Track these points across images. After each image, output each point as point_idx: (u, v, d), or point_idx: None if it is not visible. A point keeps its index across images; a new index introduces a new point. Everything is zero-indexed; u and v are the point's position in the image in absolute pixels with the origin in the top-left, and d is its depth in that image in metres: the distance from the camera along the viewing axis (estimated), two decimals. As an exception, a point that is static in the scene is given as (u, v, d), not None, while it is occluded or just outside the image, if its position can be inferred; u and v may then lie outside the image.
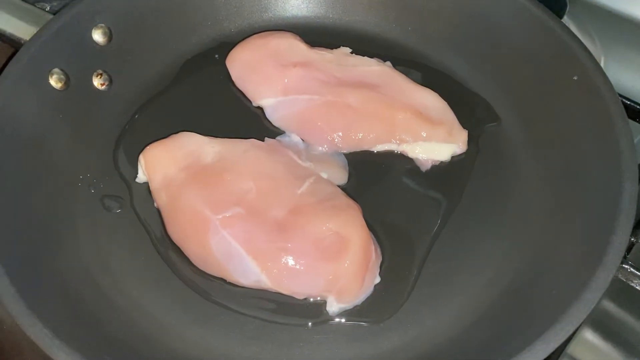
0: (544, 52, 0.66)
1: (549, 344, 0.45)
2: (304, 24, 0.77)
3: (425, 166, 0.66)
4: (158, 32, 0.73)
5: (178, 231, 0.58)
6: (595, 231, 0.53)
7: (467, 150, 0.66)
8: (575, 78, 0.63)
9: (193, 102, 0.71)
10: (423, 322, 0.55)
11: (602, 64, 0.80)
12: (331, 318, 0.56)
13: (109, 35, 0.69)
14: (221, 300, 0.57)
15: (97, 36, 0.68)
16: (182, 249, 0.58)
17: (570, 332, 0.46)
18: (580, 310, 0.47)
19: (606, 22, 0.80)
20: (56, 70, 0.64)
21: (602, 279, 0.48)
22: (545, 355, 0.46)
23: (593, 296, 0.48)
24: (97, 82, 0.68)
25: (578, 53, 0.63)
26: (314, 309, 0.56)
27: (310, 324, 0.56)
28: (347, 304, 0.56)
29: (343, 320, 0.56)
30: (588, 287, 0.48)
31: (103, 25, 0.68)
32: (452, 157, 0.66)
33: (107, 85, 0.69)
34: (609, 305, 0.61)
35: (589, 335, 0.59)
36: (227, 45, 0.74)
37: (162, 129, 0.66)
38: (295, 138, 0.66)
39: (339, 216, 0.56)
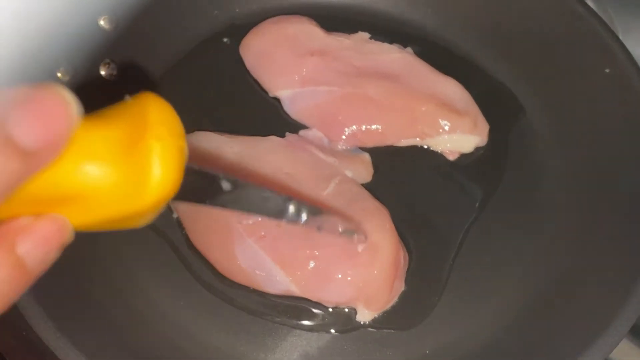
0: (572, 41, 0.63)
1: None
2: (319, 6, 0.73)
3: (451, 160, 0.64)
4: (166, 16, 0.69)
5: (202, 240, 0.56)
6: (633, 232, 0.51)
7: (492, 143, 0.64)
8: (607, 71, 0.60)
9: (205, 93, 0.67)
10: (452, 328, 0.54)
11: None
12: (359, 325, 0.54)
13: (115, 22, 0.65)
14: (245, 306, 0.55)
15: (104, 23, 0.64)
16: (206, 257, 0.56)
17: (609, 352, 0.45)
18: (621, 326, 0.45)
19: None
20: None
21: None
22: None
23: (635, 310, 0.46)
24: (104, 72, 0.65)
25: (610, 44, 0.61)
26: (342, 316, 0.55)
27: (333, 330, 0.54)
28: (376, 311, 0.54)
29: (370, 327, 0.54)
30: (629, 300, 0.46)
31: (108, 12, 0.63)
32: (476, 151, 0.64)
33: (114, 75, 0.65)
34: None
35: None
36: (236, 27, 0.70)
37: (175, 123, 0.63)
38: (318, 133, 0.63)
39: (369, 221, 0.54)
